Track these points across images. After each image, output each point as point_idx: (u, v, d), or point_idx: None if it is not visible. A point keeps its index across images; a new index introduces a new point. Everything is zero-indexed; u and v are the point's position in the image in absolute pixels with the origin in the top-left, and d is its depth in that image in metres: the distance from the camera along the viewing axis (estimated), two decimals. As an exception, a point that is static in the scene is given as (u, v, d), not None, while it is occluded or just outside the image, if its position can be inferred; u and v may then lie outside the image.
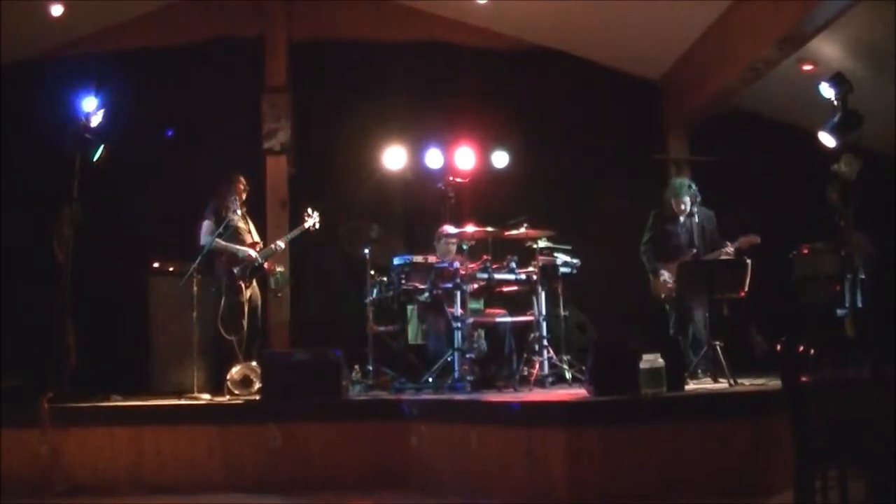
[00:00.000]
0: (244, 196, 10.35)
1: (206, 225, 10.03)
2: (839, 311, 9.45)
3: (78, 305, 9.28)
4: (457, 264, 9.65)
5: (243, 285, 10.03)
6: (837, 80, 8.92)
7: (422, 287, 9.96)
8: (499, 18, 12.50)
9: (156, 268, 10.54)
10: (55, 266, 9.31)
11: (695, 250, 9.45)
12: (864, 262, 9.45)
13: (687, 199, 9.86)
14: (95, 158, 9.43)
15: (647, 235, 10.24)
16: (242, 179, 10.32)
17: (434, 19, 12.77)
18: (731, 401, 7.51)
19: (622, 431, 6.90)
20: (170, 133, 11.94)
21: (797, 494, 5.15)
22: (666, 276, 9.84)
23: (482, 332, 9.96)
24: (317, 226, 10.59)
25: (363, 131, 12.10)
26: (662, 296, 9.97)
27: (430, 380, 9.42)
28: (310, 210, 10.60)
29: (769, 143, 12.20)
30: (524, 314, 9.98)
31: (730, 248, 9.51)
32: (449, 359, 9.44)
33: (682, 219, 9.99)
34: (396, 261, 10.21)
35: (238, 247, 10.09)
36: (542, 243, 10.02)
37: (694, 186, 9.95)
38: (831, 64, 9.97)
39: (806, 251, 10.62)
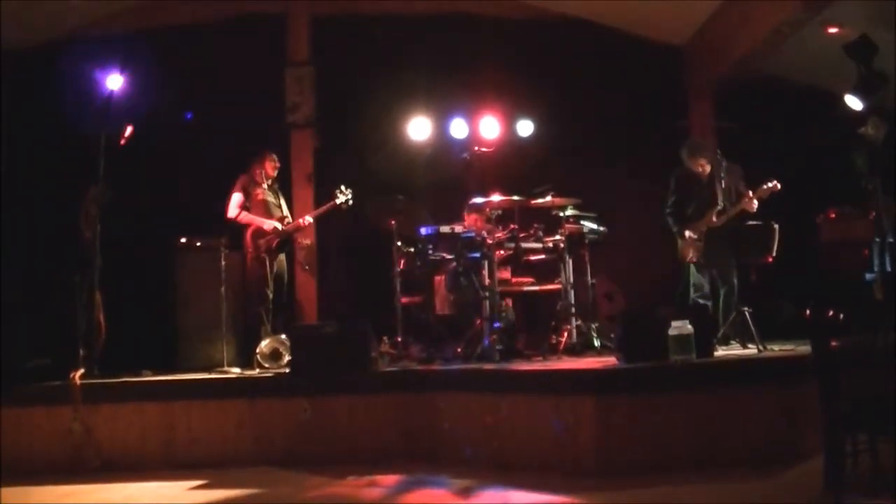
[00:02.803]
0: (274, 173, 10.45)
1: (235, 198, 10.15)
2: (868, 276, 9.43)
3: (106, 283, 9.34)
4: (484, 234, 9.65)
5: (268, 258, 10.09)
6: (863, 41, 8.87)
7: (449, 257, 9.98)
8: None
9: (183, 243, 10.55)
10: (82, 245, 9.35)
11: (720, 207, 9.34)
12: (893, 226, 9.41)
13: (704, 160, 9.71)
14: (120, 137, 9.49)
15: (671, 199, 9.95)
16: (274, 157, 10.45)
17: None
18: (761, 367, 7.46)
19: (651, 398, 6.90)
20: (189, 116, 11.95)
21: (827, 459, 5.16)
22: (690, 234, 9.60)
23: (510, 302, 9.96)
24: (350, 202, 10.54)
25: (387, 103, 12.09)
26: (689, 257, 9.70)
27: (459, 350, 9.43)
28: (343, 187, 10.56)
29: (794, 108, 12.08)
30: (551, 282, 9.99)
31: (754, 202, 9.08)
32: (477, 329, 9.45)
33: (705, 179, 9.72)
34: (423, 231, 10.21)
35: (264, 220, 10.15)
36: (568, 211, 10.02)
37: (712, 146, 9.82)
38: (856, 26, 9.86)
39: (833, 215, 10.56)
